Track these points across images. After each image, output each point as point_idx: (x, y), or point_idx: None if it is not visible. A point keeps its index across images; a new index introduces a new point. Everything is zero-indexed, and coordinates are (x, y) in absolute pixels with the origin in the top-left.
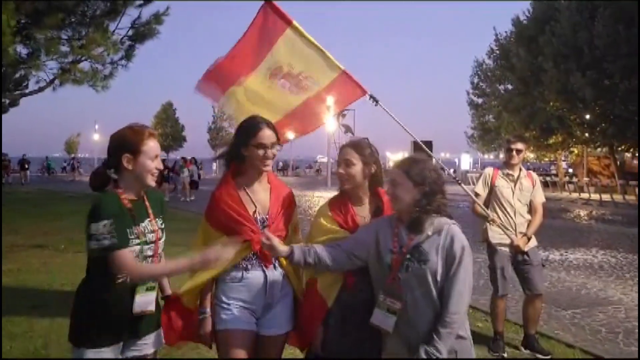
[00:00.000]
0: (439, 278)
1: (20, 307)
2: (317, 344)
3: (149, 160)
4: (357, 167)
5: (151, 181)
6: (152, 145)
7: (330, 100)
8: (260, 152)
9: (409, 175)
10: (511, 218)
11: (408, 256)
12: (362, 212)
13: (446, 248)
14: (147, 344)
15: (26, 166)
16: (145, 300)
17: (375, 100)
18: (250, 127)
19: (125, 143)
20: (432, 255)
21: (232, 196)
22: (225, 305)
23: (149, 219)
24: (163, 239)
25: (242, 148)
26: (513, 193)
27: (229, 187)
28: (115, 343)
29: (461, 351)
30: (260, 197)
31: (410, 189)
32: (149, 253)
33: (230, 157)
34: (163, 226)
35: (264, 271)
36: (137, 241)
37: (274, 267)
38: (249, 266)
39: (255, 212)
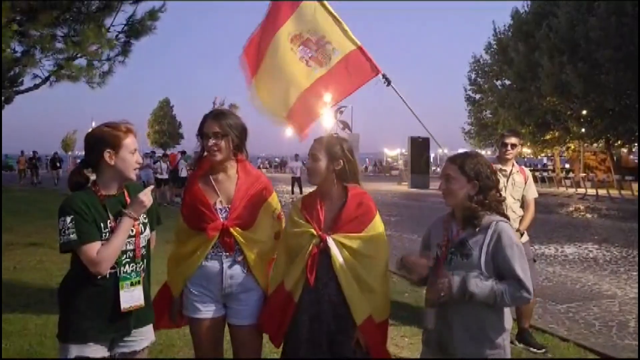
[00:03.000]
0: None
1: (15, 305)
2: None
3: (130, 154)
4: (322, 163)
5: (133, 175)
6: (131, 140)
7: (345, 77)
8: (205, 142)
9: (462, 170)
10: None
11: (452, 249)
12: (331, 207)
13: (492, 245)
14: (137, 341)
15: (58, 165)
16: (131, 296)
17: (388, 81)
18: (201, 121)
19: (105, 139)
20: (475, 250)
21: (196, 187)
22: (188, 291)
23: None
24: (145, 234)
25: (201, 141)
26: (505, 188)
27: (195, 179)
28: (100, 339)
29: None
30: (225, 187)
31: (463, 184)
32: (130, 247)
33: (201, 153)
34: (146, 220)
35: (221, 262)
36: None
37: (234, 260)
38: (210, 255)
39: (216, 202)
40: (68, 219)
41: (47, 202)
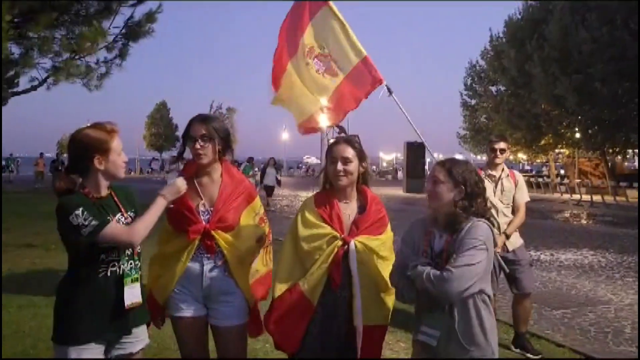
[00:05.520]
0: None
1: (9, 307)
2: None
3: (117, 156)
4: (355, 164)
5: (122, 173)
6: (117, 142)
7: (350, 93)
8: (191, 145)
9: (450, 175)
10: (494, 218)
11: (437, 259)
12: (348, 210)
13: (459, 241)
14: (133, 342)
15: None
16: (132, 293)
17: (390, 91)
18: (187, 124)
19: (93, 144)
20: (456, 251)
21: None
22: (171, 291)
23: (120, 213)
24: None
25: (186, 145)
26: (494, 193)
27: None
28: (100, 339)
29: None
30: (208, 190)
31: (450, 188)
32: None
33: (180, 154)
34: None
35: (201, 263)
36: None
37: (215, 262)
38: (192, 255)
39: (199, 204)
40: (79, 212)
41: (44, 204)
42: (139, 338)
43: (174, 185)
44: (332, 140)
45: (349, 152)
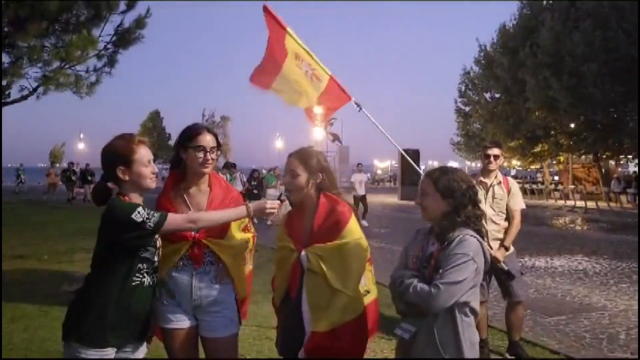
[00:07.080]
0: None
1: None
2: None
3: (143, 167)
4: (302, 178)
5: (151, 184)
6: (143, 153)
7: (322, 106)
8: (200, 154)
9: (436, 187)
10: (483, 226)
11: (425, 263)
12: (308, 221)
13: (448, 255)
14: (138, 350)
15: (89, 178)
16: (151, 305)
17: (359, 107)
18: (190, 132)
19: (116, 155)
20: (443, 264)
21: (168, 200)
22: (159, 303)
23: None
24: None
25: (181, 151)
26: (485, 201)
27: (167, 191)
28: (116, 344)
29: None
30: (197, 200)
31: (437, 200)
32: (156, 258)
33: (173, 160)
34: None
35: (190, 274)
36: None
37: (204, 272)
38: (180, 265)
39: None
40: (140, 210)
41: (35, 214)
42: (141, 347)
43: (263, 205)
44: (325, 149)
45: (296, 166)
